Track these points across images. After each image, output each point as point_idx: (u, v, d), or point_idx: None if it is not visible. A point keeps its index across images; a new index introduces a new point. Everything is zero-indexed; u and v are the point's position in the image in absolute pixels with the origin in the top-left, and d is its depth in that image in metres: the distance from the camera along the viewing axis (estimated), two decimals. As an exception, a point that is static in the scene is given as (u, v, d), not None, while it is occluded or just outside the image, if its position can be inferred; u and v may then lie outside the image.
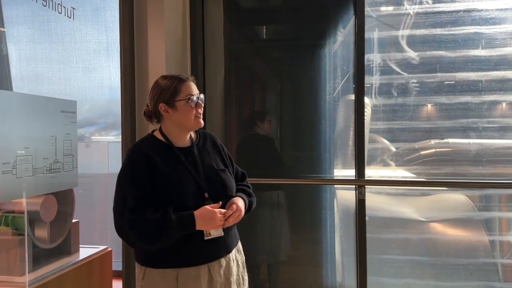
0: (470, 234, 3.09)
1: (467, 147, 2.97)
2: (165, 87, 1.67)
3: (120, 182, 1.65)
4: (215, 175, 1.73)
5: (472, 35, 2.92)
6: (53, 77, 3.04)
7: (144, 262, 1.68)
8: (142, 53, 2.54)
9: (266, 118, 3.14)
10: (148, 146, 1.69)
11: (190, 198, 1.63)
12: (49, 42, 3.01)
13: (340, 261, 3.12)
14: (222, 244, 1.69)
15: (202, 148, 1.78)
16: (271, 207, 3.12)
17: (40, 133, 1.91)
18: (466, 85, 2.94)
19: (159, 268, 1.64)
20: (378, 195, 3.16)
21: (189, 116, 1.67)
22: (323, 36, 3.13)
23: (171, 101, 1.65)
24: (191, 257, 1.64)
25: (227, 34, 3.13)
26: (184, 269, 1.64)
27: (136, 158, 1.64)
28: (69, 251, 2.30)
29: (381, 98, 3.09)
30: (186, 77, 1.71)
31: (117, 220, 1.61)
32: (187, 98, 1.66)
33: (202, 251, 1.65)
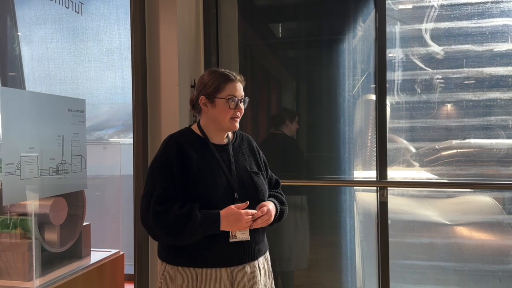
0: (498, 238, 2.95)
1: (489, 147, 2.84)
2: (209, 82, 1.66)
3: (151, 171, 1.63)
4: (247, 177, 1.70)
5: (501, 28, 2.77)
6: (65, 77, 3.00)
7: (165, 259, 1.66)
8: (154, 53, 2.49)
9: (296, 118, 3.05)
10: (184, 138, 1.68)
11: (220, 196, 1.60)
12: (61, 42, 2.98)
13: (360, 266, 3.02)
14: (247, 249, 1.65)
15: (238, 148, 1.76)
16: (293, 211, 3.04)
17: (46, 132, 1.85)
18: (494, 81, 2.80)
19: (179, 266, 1.61)
20: (400, 197, 3.05)
21: (225, 116, 1.66)
22: (342, 32, 3.04)
23: (212, 97, 1.65)
24: (213, 258, 1.60)
25: (241, 33, 3.07)
26: (205, 270, 1.60)
27: (170, 149, 1.63)
28: (80, 255, 2.25)
29: (404, 95, 2.97)
30: (234, 77, 1.68)
31: (143, 209, 1.59)
32: (227, 98, 1.65)
33: (224, 253, 1.61)
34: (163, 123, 2.46)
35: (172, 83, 2.46)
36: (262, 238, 1.74)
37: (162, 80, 2.47)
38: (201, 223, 1.53)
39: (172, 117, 2.45)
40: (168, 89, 2.46)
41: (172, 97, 2.45)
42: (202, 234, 1.55)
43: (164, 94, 2.47)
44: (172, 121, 2.44)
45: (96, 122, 3.09)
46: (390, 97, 2.92)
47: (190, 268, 1.60)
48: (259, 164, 1.81)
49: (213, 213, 1.56)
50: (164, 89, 2.47)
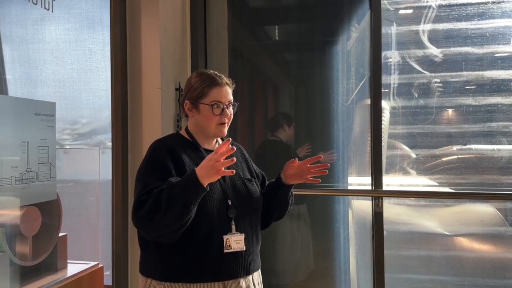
0: (500, 250, 2.84)
1: (491, 154, 2.74)
2: (194, 86, 1.58)
3: (140, 175, 1.52)
4: (241, 183, 1.62)
5: (502, 29, 2.68)
6: (47, 79, 2.90)
7: (149, 274, 1.53)
8: (135, 53, 2.40)
9: (293, 124, 2.94)
10: (173, 142, 1.58)
11: (214, 203, 1.50)
12: (42, 43, 2.88)
13: (355, 278, 2.91)
14: (242, 261, 1.53)
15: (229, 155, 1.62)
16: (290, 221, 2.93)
17: (8, 138, 1.71)
18: (495, 85, 2.71)
19: (167, 281, 1.48)
20: (397, 206, 2.95)
21: (210, 123, 1.57)
22: (336, 33, 2.96)
23: (196, 102, 1.58)
24: (206, 272, 1.47)
25: (231, 33, 2.97)
26: (196, 285, 1.46)
27: (160, 151, 1.52)
28: (55, 268, 2.14)
29: (400, 100, 2.88)
30: (221, 81, 1.58)
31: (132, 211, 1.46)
32: (211, 104, 1.55)
33: (218, 266, 1.48)
34: (144, 128, 2.36)
35: (154, 85, 2.36)
36: (257, 252, 1.63)
37: (143, 83, 2.37)
38: (177, 183, 1.39)
39: (154, 121, 2.35)
40: (150, 92, 2.36)
41: (154, 101, 2.35)
42: (185, 197, 1.37)
43: (146, 97, 2.37)
44: (154, 126, 2.34)
45: (97, 126, 3.00)
46: (386, 102, 2.82)
47: (179, 284, 1.47)
48: (252, 171, 1.73)
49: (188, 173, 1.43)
50: (146, 92, 2.37)
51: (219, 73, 1.62)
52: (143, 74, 2.37)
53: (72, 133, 2.94)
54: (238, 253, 1.51)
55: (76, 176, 2.63)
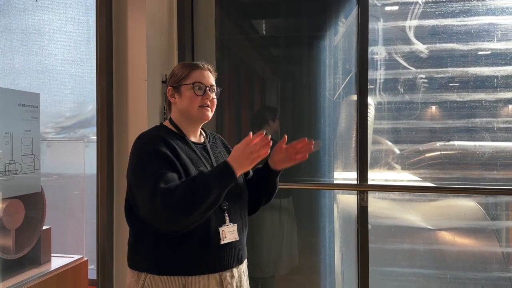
0: (481, 244, 2.88)
1: (474, 150, 2.78)
2: (176, 72, 1.58)
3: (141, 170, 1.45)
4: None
5: (487, 26, 2.70)
6: (30, 70, 2.85)
7: (144, 268, 1.50)
8: (121, 44, 2.35)
9: (278, 117, 2.93)
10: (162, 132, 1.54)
11: None
12: (26, 33, 2.82)
13: (340, 271, 2.93)
14: (235, 252, 1.55)
15: (214, 147, 1.67)
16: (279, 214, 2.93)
17: (-10, 129, 1.68)
18: (479, 81, 2.73)
19: (164, 275, 1.46)
20: (382, 200, 2.97)
21: (193, 104, 1.54)
22: (323, 28, 2.95)
23: (178, 85, 1.57)
24: (203, 264, 1.48)
25: (219, 27, 2.94)
26: (194, 277, 1.46)
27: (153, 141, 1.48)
28: (38, 261, 2.11)
29: (386, 95, 2.89)
30: (202, 65, 1.59)
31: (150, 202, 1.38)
32: (193, 83, 1.54)
33: (215, 257, 1.49)
34: (130, 120, 2.33)
35: (140, 77, 2.32)
36: (245, 241, 1.65)
37: (129, 75, 2.33)
38: (210, 173, 1.42)
39: (140, 114, 2.32)
40: (136, 84, 2.33)
41: (140, 93, 2.31)
42: (218, 187, 1.38)
43: (132, 90, 2.33)
44: (140, 118, 2.31)
45: (81, 120, 2.95)
46: (372, 97, 2.83)
47: (177, 277, 1.46)
48: None
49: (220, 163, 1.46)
50: (132, 84, 2.33)
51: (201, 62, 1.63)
52: (129, 66, 2.33)
53: (56, 127, 2.90)
54: (232, 244, 1.53)
55: (60, 170, 2.60)
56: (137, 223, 1.52)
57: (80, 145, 2.38)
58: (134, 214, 1.53)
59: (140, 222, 1.51)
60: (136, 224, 1.53)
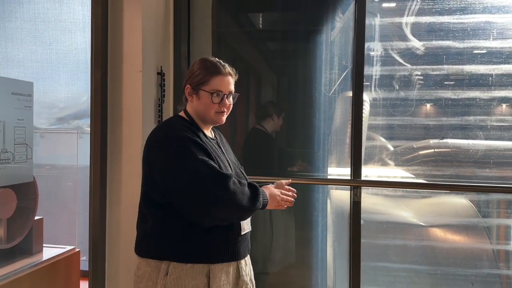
0: (472, 241, 2.90)
1: (466, 148, 2.79)
2: (197, 71, 1.59)
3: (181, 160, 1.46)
4: (239, 170, 1.71)
5: (483, 24, 2.70)
6: (24, 59, 2.82)
7: (167, 257, 1.52)
8: (116, 35, 2.32)
9: (282, 114, 2.92)
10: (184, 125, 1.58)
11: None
12: (20, 21, 2.79)
13: (331, 266, 2.94)
14: (247, 242, 1.67)
15: (221, 142, 1.74)
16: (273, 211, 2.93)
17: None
18: (474, 79, 2.73)
19: (189, 262, 1.51)
20: (375, 196, 2.98)
21: (210, 110, 1.59)
22: (320, 23, 2.93)
23: (197, 88, 1.60)
24: (224, 253, 1.56)
25: (216, 19, 2.92)
26: (216, 265, 1.54)
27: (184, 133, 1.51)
28: (30, 251, 2.11)
29: (381, 91, 2.89)
30: (224, 70, 1.59)
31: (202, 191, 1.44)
32: (211, 92, 1.57)
33: (235, 247, 1.59)
34: (124, 111, 2.31)
35: (135, 68, 2.30)
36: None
37: (124, 65, 2.31)
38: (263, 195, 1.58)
39: (135, 105, 2.30)
40: (131, 75, 2.30)
41: (135, 84, 2.29)
42: (260, 205, 1.57)
43: (126, 81, 2.31)
44: (134, 109, 2.29)
45: (75, 111, 2.93)
46: (367, 93, 2.83)
47: (201, 265, 1.52)
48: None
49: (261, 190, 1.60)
50: (127, 75, 2.31)
51: (224, 62, 1.64)
52: (124, 57, 2.31)
53: (49, 117, 2.87)
54: (246, 235, 1.65)
55: (53, 160, 2.58)
56: (161, 212, 1.53)
57: (73, 136, 2.35)
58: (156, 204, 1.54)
59: (164, 212, 1.52)
60: (159, 214, 1.54)
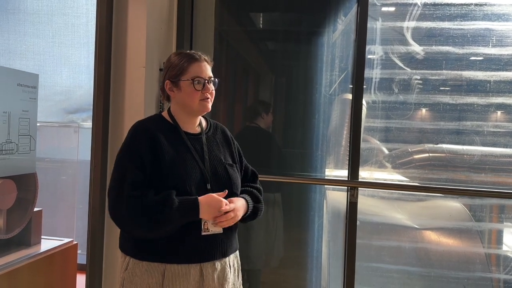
0: (465, 245, 2.93)
1: (461, 154, 2.81)
2: (173, 64, 1.57)
3: (119, 160, 1.51)
4: (222, 168, 1.61)
5: (483, 31, 2.73)
6: (27, 51, 2.82)
7: (129, 252, 1.53)
8: (121, 30, 2.33)
9: (271, 110, 2.94)
10: (153, 124, 1.57)
11: (193, 188, 1.50)
12: (23, 13, 2.79)
13: (326, 266, 2.96)
14: (219, 244, 1.55)
15: (212, 138, 1.66)
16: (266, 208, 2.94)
17: (-12, 107, 1.68)
18: (472, 85, 2.76)
19: (145, 261, 1.49)
20: (370, 198, 3.00)
21: (193, 99, 1.56)
22: (322, 24, 2.95)
23: (176, 80, 1.56)
24: (183, 253, 1.49)
25: (218, 18, 2.93)
26: (173, 266, 1.48)
27: (140, 136, 1.52)
28: (28, 242, 2.12)
29: (380, 94, 2.91)
30: (199, 56, 1.58)
31: (115, 197, 1.45)
32: (192, 79, 1.54)
33: (196, 248, 1.50)
34: (126, 107, 2.32)
35: (138, 64, 2.31)
36: (234, 235, 1.66)
37: (128, 60, 2.32)
38: (179, 209, 1.43)
39: (137, 101, 2.31)
40: (134, 71, 2.32)
41: (138, 79, 2.30)
42: (179, 221, 1.45)
43: (129, 76, 2.32)
44: (137, 105, 2.30)
45: (74, 105, 2.93)
46: (366, 96, 2.85)
47: (156, 264, 1.49)
48: (234, 156, 1.71)
49: (191, 199, 1.47)
50: (130, 70, 2.32)
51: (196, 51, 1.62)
52: (127, 52, 2.32)
53: (47, 110, 2.88)
54: (215, 236, 1.53)
55: (51, 154, 2.59)
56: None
57: (71, 130, 2.36)
58: None
59: None
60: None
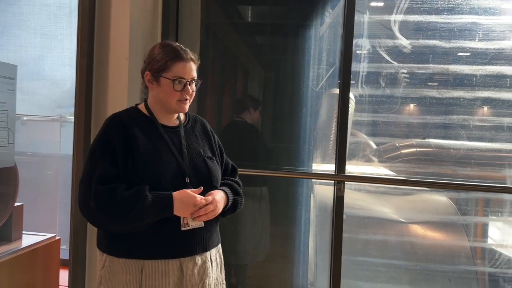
0: (451, 238, 2.96)
1: (448, 148, 2.83)
2: (157, 58, 1.51)
3: (91, 154, 1.47)
4: (201, 161, 1.56)
5: (469, 25, 2.73)
6: (7, 43, 2.76)
7: (105, 249, 1.50)
8: (104, 21, 2.28)
9: (259, 107, 2.93)
10: (128, 117, 1.52)
11: (169, 182, 1.45)
12: (4, 4, 2.73)
13: (313, 260, 2.96)
14: (199, 239, 1.51)
15: (190, 131, 1.62)
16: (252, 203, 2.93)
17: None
18: (458, 79, 2.77)
19: (122, 257, 1.46)
20: (357, 192, 3.00)
21: (171, 98, 1.51)
22: (309, 17, 2.92)
23: (157, 75, 1.51)
24: (161, 249, 1.45)
25: (205, 9, 2.89)
26: (151, 262, 1.45)
27: (113, 129, 1.47)
28: (9, 238, 2.10)
29: (367, 88, 2.90)
30: (186, 56, 1.52)
31: (83, 194, 1.41)
32: (173, 79, 1.49)
33: (175, 243, 1.47)
34: (109, 100, 2.28)
35: (122, 56, 2.27)
36: (216, 228, 1.62)
37: (111, 52, 2.27)
38: (152, 205, 1.38)
39: (120, 93, 2.26)
40: (117, 62, 2.27)
41: (121, 71, 2.26)
42: (152, 218, 1.40)
43: (113, 67, 2.27)
44: (120, 98, 2.26)
45: (58, 98, 2.88)
46: (353, 90, 2.84)
47: (134, 260, 1.45)
48: (214, 149, 1.67)
49: (165, 195, 1.42)
50: (113, 62, 2.27)
51: (185, 48, 1.56)
52: (111, 43, 2.27)
53: (31, 104, 2.82)
54: (195, 231, 1.50)
55: (34, 148, 2.54)
56: None
57: (56, 125, 2.31)
58: None
59: None
60: None
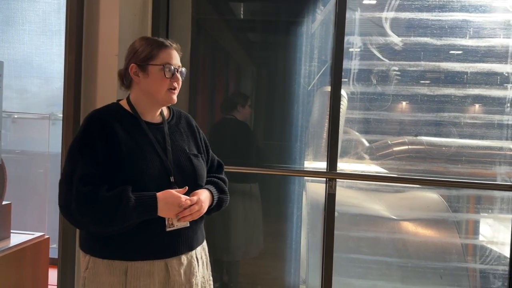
0: (442, 235, 2.98)
1: (439, 146, 2.84)
2: (140, 49, 1.46)
3: (70, 153, 1.42)
4: (185, 159, 1.52)
5: (460, 23, 2.73)
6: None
7: (89, 250, 1.46)
8: (93, 17, 2.25)
9: (248, 103, 2.92)
10: (110, 114, 1.46)
11: (153, 181, 1.42)
12: (-8, -1, 2.69)
13: (305, 257, 2.96)
14: (184, 238, 1.48)
15: (175, 127, 1.57)
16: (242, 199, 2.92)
17: None
18: (450, 77, 2.78)
19: (106, 259, 1.42)
20: (349, 189, 3.01)
21: (161, 87, 1.46)
22: (301, 14, 2.91)
23: (144, 64, 1.45)
24: (146, 250, 1.42)
25: (195, 5, 2.87)
26: (136, 263, 1.41)
27: (93, 126, 1.42)
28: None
29: (359, 85, 2.90)
30: (169, 44, 1.49)
31: (64, 193, 1.37)
32: (162, 65, 1.45)
33: (160, 243, 1.44)
34: (98, 97, 2.25)
35: (111, 52, 2.24)
36: (200, 226, 1.58)
37: (100, 48, 2.25)
38: (135, 207, 1.34)
39: (109, 90, 2.23)
40: (107, 59, 2.24)
41: (111, 68, 2.23)
42: (135, 220, 1.37)
43: (102, 64, 2.25)
44: (109, 95, 2.23)
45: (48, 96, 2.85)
46: (345, 87, 2.84)
47: (118, 261, 1.41)
48: (199, 145, 1.62)
49: (149, 195, 1.38)
50: (102, 59, 2.25)
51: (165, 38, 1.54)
52: (100, 40, 2.24)
53: (21, 102, 2.79)
54: (180, 230, 1.47)
55: (23, 146, 2.51)
56: None
57: (45, 123, 2.28)
58: None
59: None
60: None
